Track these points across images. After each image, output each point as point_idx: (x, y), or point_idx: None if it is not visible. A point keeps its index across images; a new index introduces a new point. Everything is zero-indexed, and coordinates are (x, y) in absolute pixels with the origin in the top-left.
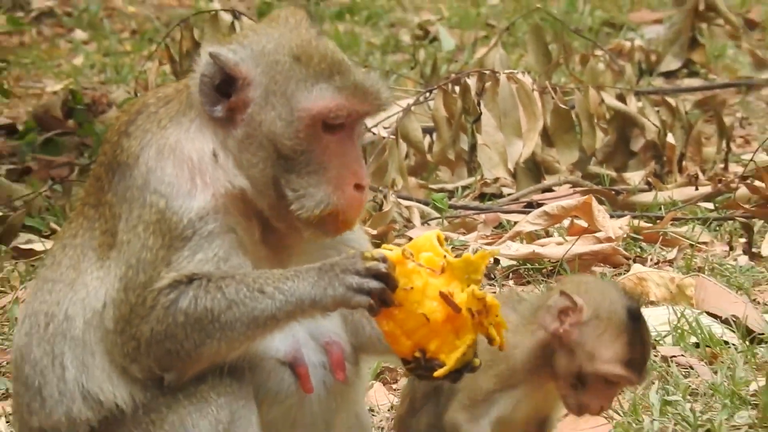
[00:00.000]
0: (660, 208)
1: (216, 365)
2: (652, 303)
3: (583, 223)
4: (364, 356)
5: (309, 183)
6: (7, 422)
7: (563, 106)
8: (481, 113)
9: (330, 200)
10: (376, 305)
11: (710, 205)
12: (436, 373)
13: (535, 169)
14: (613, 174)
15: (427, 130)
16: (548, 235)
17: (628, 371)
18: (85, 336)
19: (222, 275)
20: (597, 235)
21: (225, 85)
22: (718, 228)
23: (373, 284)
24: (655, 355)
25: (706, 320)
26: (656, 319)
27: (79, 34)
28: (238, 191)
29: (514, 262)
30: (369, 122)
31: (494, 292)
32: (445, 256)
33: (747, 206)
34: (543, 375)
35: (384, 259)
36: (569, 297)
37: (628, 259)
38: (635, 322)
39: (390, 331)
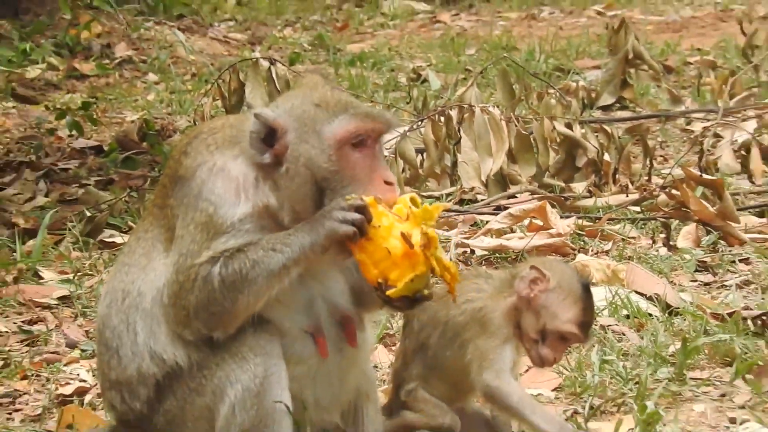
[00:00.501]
0: (598, 211)
1: (251, 327)
2: (593, 284)
3: (539, 222)
4: (368, 314)
5: (347, 192)
6: (93, 375)
7: (524, 132)
8: (460, 137)
9: (367, 192)
10: (356, 234)
11: (637, 208)
12: (389, 292)
13: (502, 180)
14: (563, 184)
15: (419, 151)
16: (512, 231)
17: (580, 330)
18: (152, 308)
19: (243, 244)
20: (550, 231)
21: (269, 138)
22: (643, 226)
23: (354, 215)
24: (596, 324)
25: (634, 297)
26: (596, 296)
27: (152, 77)
28: (270, 208)
29: (486, 252)
30: None
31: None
32: (410, 207)
33: (665, 209)
34: (514, 333)
35: (361, 199)
36: (539, 270)
37: (574, 250)
38: (587, 294)
39: (362, 260)
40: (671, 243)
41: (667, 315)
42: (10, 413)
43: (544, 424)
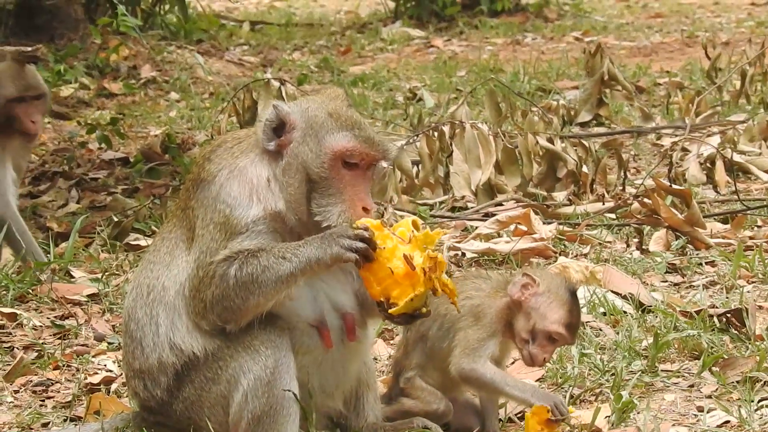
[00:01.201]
0: (578, 217)
1: (263, 322)
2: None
3: (523, 228)
4: (369, 320)
5: (329, 202)
6: (119, 366)
7: (510, 146)
8: (452, 151)
9: (344, 215)
10: (360, 260)
11: (613, 216)
12: (391, 310)
13: (490, 189)
14: (545, 193)
15: (415, 162)
16: (499, 236)
17: (566, 331)
18: (174, 301)
19: (258, 249)
20: (534, 236)
21: (279, 129)
22: (618, 231)
23: (359, 244)
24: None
25: (610, 296)
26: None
27: (173, 95)
28: (278, 211)
29: (476, 255)
30: None
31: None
32: (413, 231)
33: (638, 216)
34: (506, 332)
35: (367, 228)
36: (529, 276)
37: (555, 253)
38: (573, 299)
39: (366, 278)
40: (644, 247)
41: (640, 312)
42: (43, 400)
43: (519, 392)
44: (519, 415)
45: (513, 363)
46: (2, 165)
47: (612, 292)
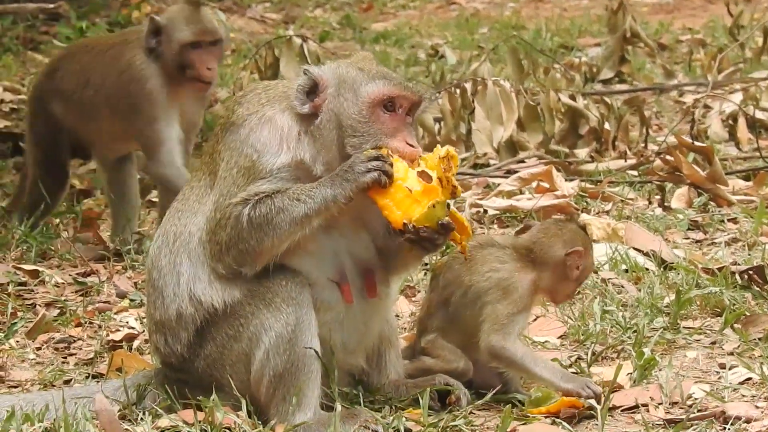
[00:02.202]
0: (600, 175)
1: (284, 278)
2: (594, 241)
3: (545, 185)
4: (394, 275)
5: (368, 142)
6: (141, 323)
7: (532, 103)
8: (474, 108)
9: (383, 143)
10: (381, 177)
11: (635, 173)
12: (413, 220)
13: (512, 146)
14: (567, 150)
15: (437, 120)
16: (521, 193)
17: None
18: (198, 249)
19: (273, 191)
20: (556, 193)
21: (311, 92)
22: (640, 188)
23: (376, 163)
24: (597, 278)
25: (632, 253)
26: (598, 252)
27: None
28: (306, 162)
29: (498, 212)
30: None
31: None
32: (419, 156)
33: (661, 173)
34: (536, 297)
35: (379, 148)
36: (577, 251)
37: (577, 210)
38: (587, 233)
39: (385, 205)
40: (666, 204)
41: (662, 269)
42: (65, 357)
43: (548, 373)
44: None
45: (535, 320)
46: (169, 122)
47: (634, 249)
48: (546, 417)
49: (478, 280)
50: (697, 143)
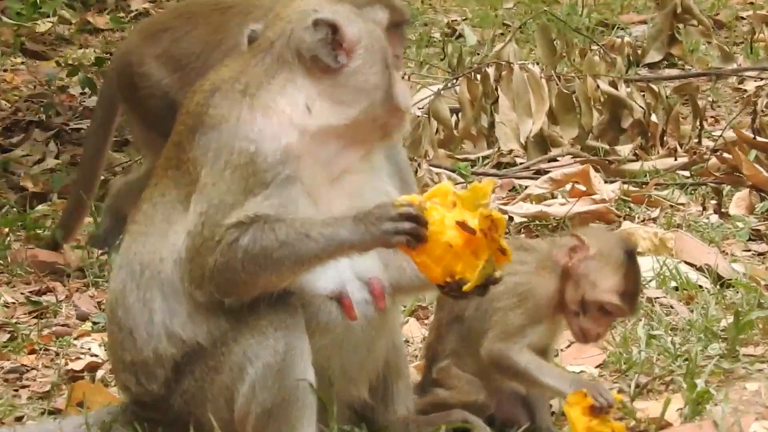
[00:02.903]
0: (645, 175)
1: (270, 298)
2: (639, 253)
3: (581, 187)
4: (404, 294)
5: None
6: (105, 349)
7: (565, 91)
8: (498, 97)
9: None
10: (411, 242)
11: (687, 173)
12: (464, 288)
13: (542, 142)
14: (607, 147)
15: (453, 110)
16: (553, 197)
17: (622, 301)
18: (173, 276)
19: (276, 219)
20: (593, 197)
21: (334, 40)
22: (693, 192)
23: (408, 226)
24: (642, 297)
25: (683, 268)
26: (643, 267)
27: None
28: (328, 130)
29: (525, 220)
30: None
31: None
32: (454, 193)
33: (717, 174)
34: (557, 309)
35: (411, 204)
36: (578, 237)
37: (619, 217)
38: (630, 260)
39: (422, 262)
40: (723, 210)
41: (718, 287)
42: (16, 390)
43: (555, 382)
44: None
45: (569, 347)
46: None
47: (685, 263)
48: None
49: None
50: (759, 138)
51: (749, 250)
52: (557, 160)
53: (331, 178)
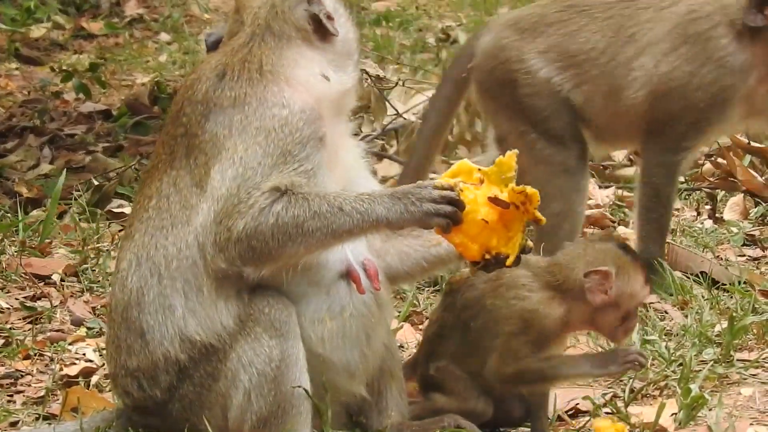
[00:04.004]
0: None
1: (262, 295)
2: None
3: None
4: (410, 280)
5: None
6: (100, 355)
7: None
8: None
9: None
10: (449, 224)
11: (681, 178)
12: (507, 263)
13: None
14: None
15: None
16: None
17: (650, 288)
18: (198, 261)
19: (310, 191)
20: (588, 202)
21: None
22: (687, 197)
23: (448, 209)
24: None
25: (678, 273)
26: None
27: (164, 37)
28: (342, 93)
29: None
30: (400, 108)
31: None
32: (479, 170)
33: (711, 179)
34: (564, 330)
35: (452, 188)
36: (599, 271)
37: (613, 222)
38: (630, 251)
39: (460, 242)
40: (717, 215)
41: (712, 292)
42: (11, 395)
43: (574, 369)
44: (570, 413)
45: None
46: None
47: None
48: None
49: (500, 306)
50: (754, 143)
51: (743, 255)
52: None
53: (336, 146)
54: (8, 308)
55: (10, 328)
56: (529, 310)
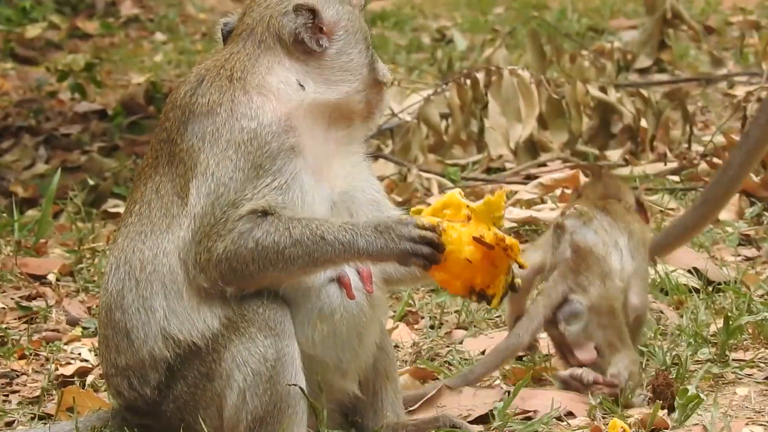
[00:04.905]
0: (635, 180)
1: (261, 302)
2: None
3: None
4: (401, 285)
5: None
6: (95, 354)
7: (555, 96)
8: (487, 102)
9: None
10: (427, 264)
11: (676, 178)
12: (491, 305)
13: (532, 147)
14: (596, 152)
15: (443, 116)
16: (543, 202)
17: None
18: (177, 267)
19: (291, 216)
20: None
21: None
22: (683, 197)
23: (426, 250)
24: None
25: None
26: None
27: (159, 36)
28: (323, 104)
29: (515, 225)
30: (395, 108)
31: None
32: (467, 206)
33: (706, 179)
34: None
35: (433, 228)
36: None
37: None
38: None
39: (442, 279)
40: None
41: (708, 291)
42: (6, 395)
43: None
44: (566, 413)
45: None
46: None
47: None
48: None
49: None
50: None
51: (739, 255)
52: (547, 165)
53: (327, 154)
54: (4, 308)
55: (6, 328)
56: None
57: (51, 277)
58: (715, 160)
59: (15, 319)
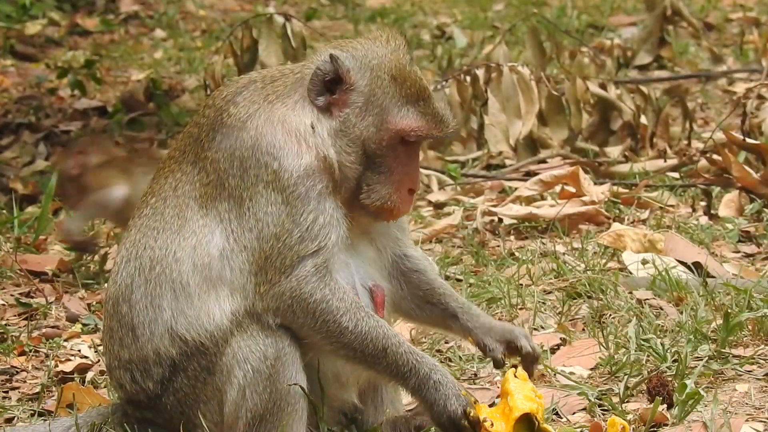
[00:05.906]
0: (635, 177)
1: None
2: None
3: (571, 189)
4: (413, 323)
5: (378, 180)
6: (95, 351)
7: (555, 93)
8: (487, 98)
9: (390, 198)
10: None
11: (676, 175)
12: None
13: (532, 144)
14: (596, 148)
15: None
16: (543, 198)
17: None
18: (189, 279)
19: (369, 312)
20: (583, 198)
21: (332, 83)
22: (682, 193)
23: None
24: (631, 299)
25: (674, 265)
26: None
27: (159, 33)
28: (329, 159)
29: (515, 221)
30: None
31: None
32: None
33: (706, 175)
34: None
35: (475, 425)
36: None
37: (608, 218)
38: None
39: None
40: (712, 211)
41: (708, 288)
42: (6, 391)
43: None
44: (565, 408)
45: (559, 348)
46: None
47: (677, 261)
48: None
49: None
50: (749, 140)
51: (739, 252)
52: (547, 162)
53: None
54: (3, 305)
55: (6, 325)
56: None
57: (51, 274)
58: (715, 156)
59: (15, 315)
